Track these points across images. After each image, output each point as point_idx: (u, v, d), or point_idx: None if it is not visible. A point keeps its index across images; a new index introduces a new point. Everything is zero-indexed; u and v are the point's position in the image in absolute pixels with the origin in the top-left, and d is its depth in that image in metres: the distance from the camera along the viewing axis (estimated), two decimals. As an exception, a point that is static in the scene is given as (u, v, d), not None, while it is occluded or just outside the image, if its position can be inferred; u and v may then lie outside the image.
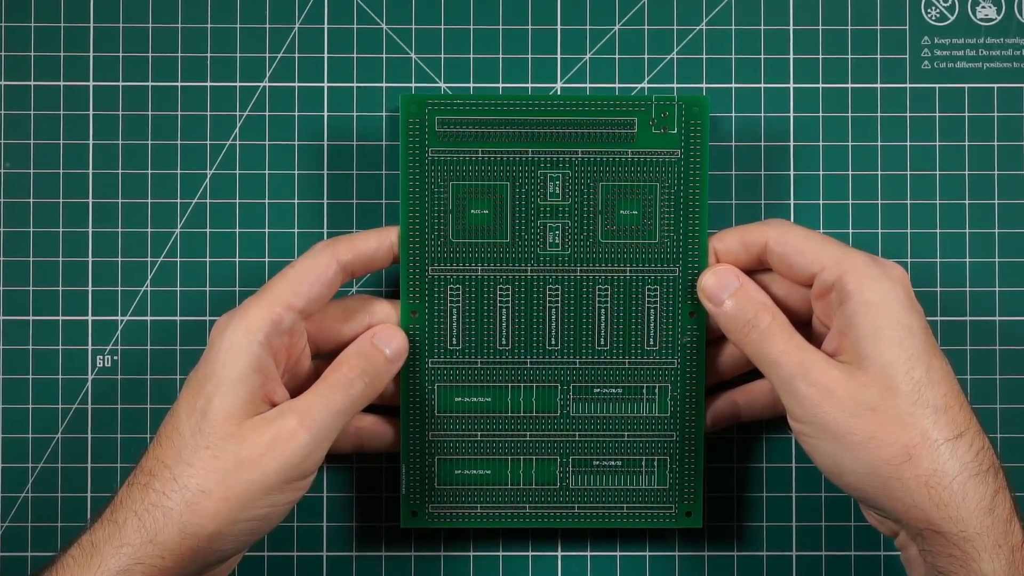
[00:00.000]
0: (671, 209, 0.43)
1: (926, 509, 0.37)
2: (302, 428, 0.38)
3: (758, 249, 0.41)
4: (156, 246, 0.46)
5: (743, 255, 0.42)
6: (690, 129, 0.42)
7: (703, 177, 0.43)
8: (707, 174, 0.43)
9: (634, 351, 0.43)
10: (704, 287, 0.42)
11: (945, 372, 0.38)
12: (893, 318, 0.38)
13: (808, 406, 0.38)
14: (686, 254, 0.43)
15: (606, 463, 0.43)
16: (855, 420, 0.37)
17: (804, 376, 0.38)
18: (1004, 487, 0.38)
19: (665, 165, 0.43)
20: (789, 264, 0.40)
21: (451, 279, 0.43)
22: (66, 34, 0.46)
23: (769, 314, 0.40)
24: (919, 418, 0.37)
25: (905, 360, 0.38)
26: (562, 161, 0.43)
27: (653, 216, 0.43)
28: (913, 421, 0.37)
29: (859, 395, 0.38)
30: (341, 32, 0.46)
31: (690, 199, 0.43)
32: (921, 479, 0.37)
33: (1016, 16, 0.46)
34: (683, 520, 0.44)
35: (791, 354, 0.39)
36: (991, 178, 0.46)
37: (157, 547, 0.37)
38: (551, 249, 0.43)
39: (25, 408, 0.45)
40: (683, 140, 0.43)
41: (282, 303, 0.39)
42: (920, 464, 0.37)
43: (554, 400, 0.43)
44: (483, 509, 0.43)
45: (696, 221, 0.43)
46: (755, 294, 0.41)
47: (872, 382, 0.38)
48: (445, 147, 0.42)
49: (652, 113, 0.42)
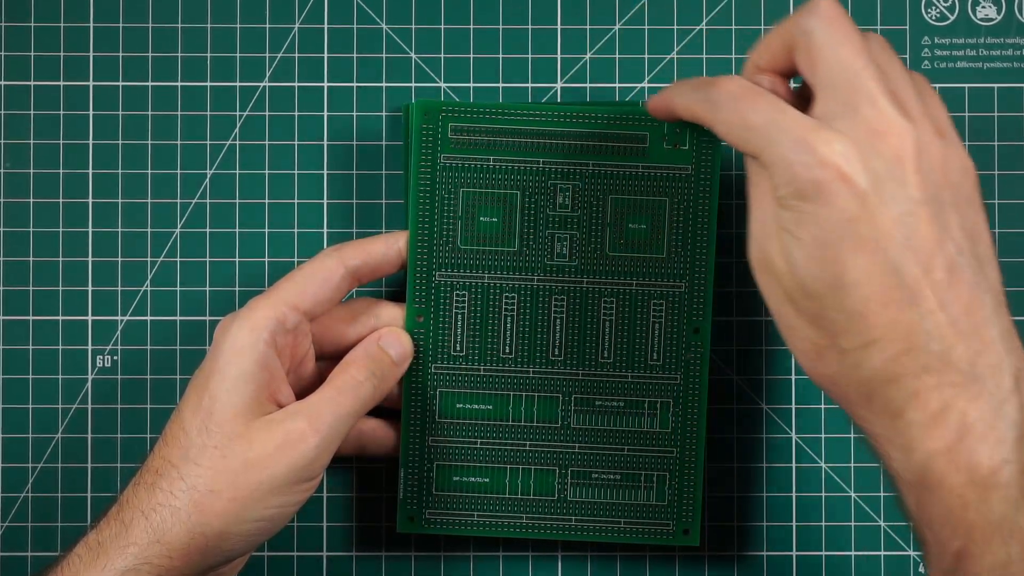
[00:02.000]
0: (679, 225, 0.42)
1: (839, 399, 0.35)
2: (311, 430, 0.38)
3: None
4: (156, 246, 0.46)
5: (783, 55, 0.36)
6: (702, 145, 0.42)
7: (713, 194, 0.42)
8: (716, 191, 0.42)
9: (637, 365, 0.43)
10: (655, 103, 0.39)
11: (870, 270, 0.33)
12: None
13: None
14: (692, 270, 0.43)
15: (605, 476, 0.43)
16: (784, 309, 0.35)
17: None
18: (936, 386, 0.32)
19: (676, 181, 0.42)
20: None
21: (458, 285, 0.43)
22: (66, 34, 0.45)
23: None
24: (830, 322, 0.33)
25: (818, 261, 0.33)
26: (573, 172, 0.42)
27: (661, 231, 0.43)
28: (822, 323, 0.34)
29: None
30: (341, 32, 0.46)
31: (699, 215, 0.42)
32: (829, 379, 0.34)
33: (1016, 16, 0.46)
34: (680, 538, 0.43)
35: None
36: (991, 178, 0.46)
37: (164, 547, 0.37)
38: (558, 260, 0.43)
39: (25, 408, 0.45)
40: (695, 156, 0.42)
41: (287, 303, 0.39)
42: (828, 365, 0.34)
43: (555, 411, 0.43)
44: (480, 517, 0.43)
45: (704, 238, 0.43)
46: None
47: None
48: (457, 154, 0.42)
49: (664, 128, 0.42)
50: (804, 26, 0.34)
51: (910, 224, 0.32)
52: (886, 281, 0.32)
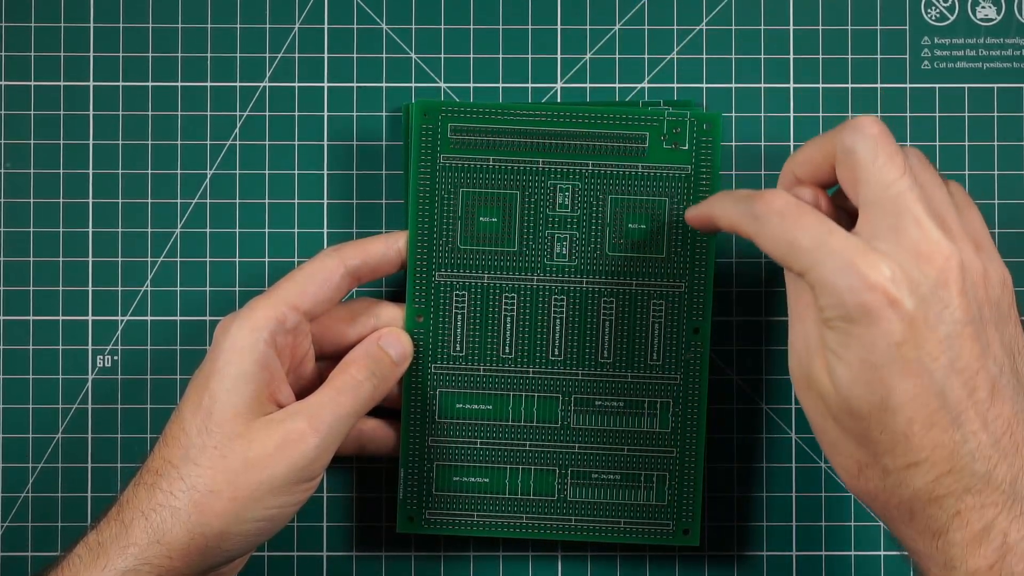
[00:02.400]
0: (679, 225, 0.43)
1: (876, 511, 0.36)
2: (311, 430, 0.38)
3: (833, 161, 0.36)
4: (156, 246, 0.46)
5: (824, 167, 0.37)
6: (701, 146, 0.42)
7: (712, 193, 0.42)
8: (717, 190, 0.42)
9: (637, 365, 0.43)
10: (693, 215, 0.39)
11: (915, 393, 0.33)
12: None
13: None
14: (692, 270, 0.43)
15: (605, 476, 0.43)
16: (831, 425, 0.35)
17: None
18: (976, 507, 0.33)
19: (675, 181, 0.43)
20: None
21: (457, 285, 0.43)
22: (66, 34, 0.45)
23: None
24: (874, 442, 0.34)
25: (863, 384, 0.34)
26: (572, 172, 0.43)
27: (661, 231, 0.43)
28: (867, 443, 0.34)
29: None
30: (341, 32, 0.46)
31: None
32: (870, 495, 0.35)
33: (1016, 16, 0.46)
34: (680, 537, 0.43)
35: None
36: (991, 178, 0.46)
37: (164, 547, 0.37)
38: (558, 260, 0.43)
39: (25, 408, 0.45)
40: (694, 156, 0.42)
41: (287, 303, 0.39)
42: (870, 481, 0.35)
43: (555, 411, 0.43)
44: (480, 517, 0.43)
45: (704, 238, 0.43)
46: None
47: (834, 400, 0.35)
48: (457, 154, 0.42)
49: (664, 129, 0.42)
50: (848, 143, 0.35)
51: (955, 346, 0.33)
52: (931, 404, 0.33)
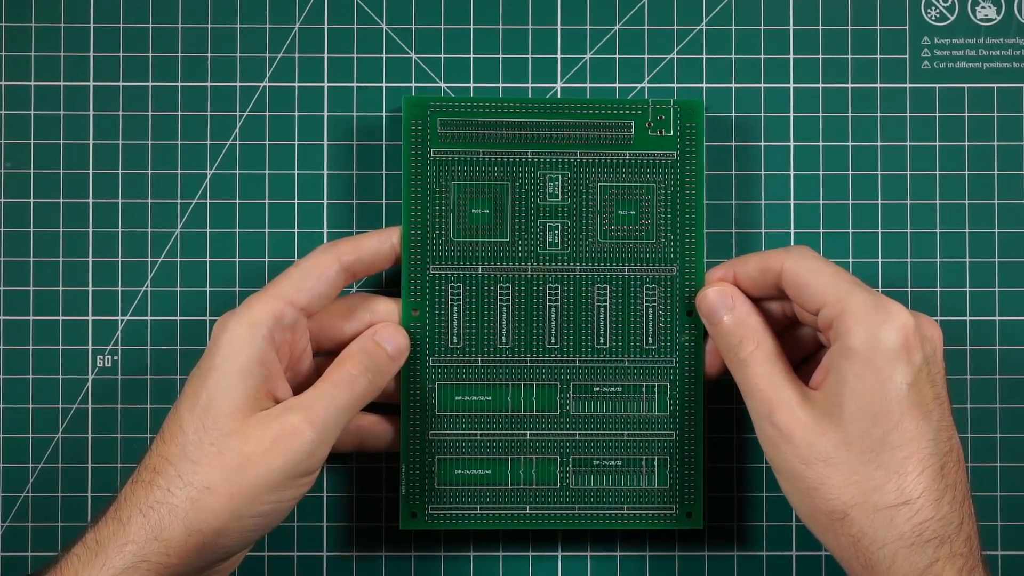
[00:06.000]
0: (668, 209, 0.43)
1: (854, 568, 0.37)
2: (307, 425, 0.38)
3: (774, 276, 0.41)
4: (156, 246, 0.46)
5: (761, 281, 0.41)
6: (686, 131, 0.43)
7: (699, 178, 0.43)
8: (703, 175, 0.43)
9: (633, 350, 0.43)
10: (702, 302, 0.42)
11: (916, 435, 0.37)
12: (872, 369, 0.37)
13: (767, 444, 0.39)
14: (683, 254, 0.43)
15: (606, 463, 0.43)
16: (806, 468, 0.38)
17: (769, 415, 0.38)
18: (948, 556, 0.36)
19: (662, 166, 0.43)
20: (799, 295, 0.40)
21: (452, 278, 0.43)
22: (66, 34, 0.46)
23: (753, 342, 0.40)
24: (865, 479, 0.37)
25: (870, 416, 0.37)
26: (561, 162, 0.43)
27: (650, 216, 0.43)
28: (858, 480, 0.37)
29: (815, 445, 0.37)
30: (341, 32, 0.46)
31: (686, 199, 0.43)
32: (852, 539, 0.37)
33: (1016, 16, 0.46)
34: (684, 521, 0.44)
35: (763, 389, 0.39)
36: (991, 178, 0.46)
37: (162, 544, 0.37)
38: (550, 248, 0.43)
39: (25, 408, 0.45)
40: (679, 142, 0.43)
41: (284, 299, 0.39)
42: (853, 525, 0.37)
43: (554, 399, 0.43)
44: (483, 509, 0.43)
45: (692, 221, 0.43)
46: (746, 318, 0.41)
47: (831, 433, 0.37)
48: (447, 148, 0.43)
49: (649, 116, 0.43)
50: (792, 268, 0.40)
51: (942, 407, 0.38)
52: (925, 448, 0.37)
